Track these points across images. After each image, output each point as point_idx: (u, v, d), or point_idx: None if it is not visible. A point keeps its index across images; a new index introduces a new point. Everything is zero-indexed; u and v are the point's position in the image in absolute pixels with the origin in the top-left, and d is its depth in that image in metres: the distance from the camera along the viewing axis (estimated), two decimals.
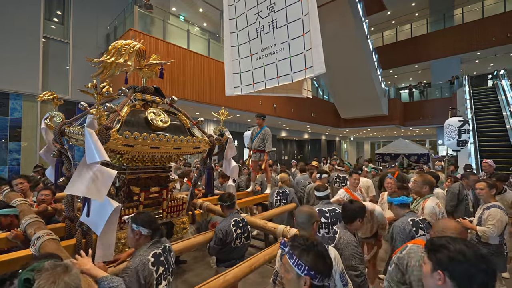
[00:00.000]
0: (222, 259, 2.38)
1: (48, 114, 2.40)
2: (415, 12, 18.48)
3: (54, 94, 2.42)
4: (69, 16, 7.91)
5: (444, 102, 14.79)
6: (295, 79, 3.26)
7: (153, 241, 1.57)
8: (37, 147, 7.19)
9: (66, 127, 2.19)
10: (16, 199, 2.58)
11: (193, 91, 7.68)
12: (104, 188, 1.58)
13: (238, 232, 2.38)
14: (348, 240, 1.79)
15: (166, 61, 2.59)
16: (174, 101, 2.55)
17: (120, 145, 1.89)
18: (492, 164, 4.67)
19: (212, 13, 12.07)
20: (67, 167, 2.18)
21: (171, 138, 2.13)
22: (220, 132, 2.64)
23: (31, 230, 1.94)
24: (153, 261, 1.49)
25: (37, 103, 7.25)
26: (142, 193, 2.29)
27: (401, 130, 17.86)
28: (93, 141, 1.56)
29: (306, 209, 1.67)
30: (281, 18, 3.48)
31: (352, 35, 10.96)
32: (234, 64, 4.20)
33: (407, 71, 19.17)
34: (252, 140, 4.57)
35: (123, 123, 2.02)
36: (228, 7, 4.40)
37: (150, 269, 1.46)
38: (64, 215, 2.45)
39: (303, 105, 12.77)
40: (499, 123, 9.79)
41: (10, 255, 1.69)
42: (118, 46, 2.31)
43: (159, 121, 2.22)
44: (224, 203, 2.47)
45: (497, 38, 14.37)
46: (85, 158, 1.55)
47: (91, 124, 1.64)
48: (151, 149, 2.09)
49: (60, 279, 0.89)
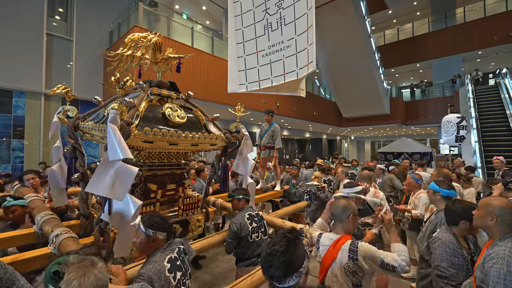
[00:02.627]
0: (241, 257, 2.30)
1: (61, 108, 2.33)
2: (417, 11, 18.46)
3: (68, 88, 2.35)
4: (72, 13, 7.85)
5: (446, 101, 14.79)
6: (300, 75, 3.24)
7: (168, 244, 1.46)
8: (40, 145, 7.13)
9: (80, 121, 2.15)
10: (29, 195, 2.53)
11: (197, 88, 7.64)
12: (125, 186, 1.53)
13: (254, 226, 2.32)
14: (445, 240, 1.64)
15: (184, 55, 2.54)
16: (190, 96, 2.50)
17: (140, 141, 1.85)
18: (503, 161, 4.66)
19: (215, 11, 12.02)
20: (81, 163, 2.14)
21: (189, 134, 2.09)
22: (236, 129, 2.59)
23: (48, 227, 1.91)
24: (169, 267, 1.36)
25: (41, 101, 7.19)
26: (159, 190, 2.25)
27: (402, 129, 17.87)
28: (117, 138, 1.50)
29: (342, 201, 1.63)
30: (289, 14, 3.46)
31: (355, 34, 10.93)
32: (239, 61, 4.17)
33: (408, 70, 19.16)
34: (261, 137, 4.53)
35: (141, 118, 1.98)
36: (233, 4, 4.36)
37: (167, 277, 1.33)
38: (77, 212, 2.42)
39: (305, 104, 12.75)
40: (503, 121, 9.79)
41: (30, 253, 1.65)
42: (135, 38, 2.26)
43: (176, 117, 2.17)
44: (237, 197, 2.42)
45: (499, 37, 14.38)
46: (107, 155, 1.51)
47: (114, 120, 1.59)
48: (170, 146, 2.04)
49: (90, 271, 0.87)
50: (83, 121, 2.18)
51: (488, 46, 14.85)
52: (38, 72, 7.10)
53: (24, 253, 1.67)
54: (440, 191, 2.02)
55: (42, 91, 7.17)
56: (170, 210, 2.38)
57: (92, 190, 1.51)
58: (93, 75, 8.11)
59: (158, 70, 2.54)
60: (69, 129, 2.07)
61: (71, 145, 2.12)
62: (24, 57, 6.87)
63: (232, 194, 2.51)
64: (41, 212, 2.15)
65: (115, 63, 2.24)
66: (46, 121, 7.27)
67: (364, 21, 11.17)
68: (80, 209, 2.22)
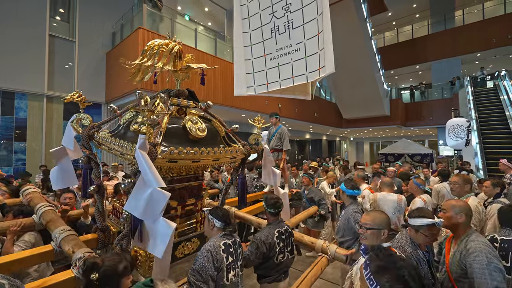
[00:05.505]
0: (264, 275, 2.17)
1: (75, 116, 2.18)
2: (416, 13, 18.57)
3: (82, 96, 2.20)
4: (74, 14, 7.72)
5: (445, 103, 14.94)
6: (310, 79, 3.22)
7: (225, 233, 1.77)
8: (43, 148, 7.04)
9: (95, 131, 2.08)
10: (41, 204, 2.43)
11: (200, 91, 7.58)
12: (157, 210, 1.48)
13: (281, 246, 2.14)
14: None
15: (209, 67, 2.50)
16: (210, 106, 2.43)
17: (166, 161, 1.81)
18: (507, 164, 4.67)
19: (217, 13, 11.95)
20: (96, 174, 2.08)
21: (211, 150, 2.04)
22: (256, 141, 2.56)
23: (68, 247, 1.84)
24: (224, 248, 1.67)
25: (43, 103, 7.07)
26: (179, 206, 2.20)
27: (401, 130, 18.00)
28: (148, 166, 1.46)
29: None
30: (297, 18, 3.43)
31: (356, 35, 10.96)
32: (247, 64, 4.13)
33: (408, 71, 19.29)
34: (269, 140, 4.52)
35: (164, 135, 1.93)
36: (240, 7, 4.32)
37: (221, 255, 1.64)
38: (94, 225, 2.36)
39: (306, 105, 12.77)
40: (502, 123, 9.91)
41: (53, 279, 1.58)
42: (156, 47, 2.17)
43: (197, 130, 2.12)
44: (269, 210, 2.21)
45: (498, 39, 14.53)
46: (142, 177, 1.48)
47: (143, 146, 1.53)
48: (193, 163, 2.00)
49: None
50: (97, 131, 2.11)
51: (487, 48, 15.01)
52: (41, 73, 6.98)
53: (47, 278, 1.61)
54: (346, 191, 2.41)
55: (44, 92, 7.06)
56: (188, 223, 2.33)
57: (130, 210, 1.51)
58: (96, 76, 8.00)
59: (177, 78, 2.46)
60: (83, 139, 2.00)
61: (86, 156, 2.05)
62: (26, 58, 6.74)
63: (264, 205, 2.31)
64: (58, 227, 2.09)
65: (133, 72, 2.17)
66: (48, 123, 7.16)
67: (365, 23, 11.20)
68: (97, 223, 2.18)
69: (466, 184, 2.68)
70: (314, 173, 5.96)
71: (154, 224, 1.48)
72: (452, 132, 5.16)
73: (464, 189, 2.69)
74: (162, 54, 2.19)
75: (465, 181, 2.69)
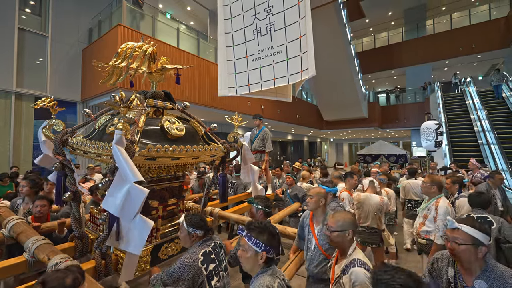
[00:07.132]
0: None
1: (47, 122, 2.12)
2: (391, 21, 19.52)
3: (54, 101, 2.15)
4: (47, 6, 7.29)
5: (418, 106, 15.84)
6: (291, 81, 3.30)
7: (204, 240, 1.69)
8: (10, 148, 6.57)
9: (69, 136, 1.99)
10: (10, 217, 2.21)
11: (182, 91, 7.49)
12: (134, 207, 1.47)
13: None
14: None
15: (182, 66, 2.50)
16: (187, 107, 2.47)
17: (144, 159, 1.80)
18: (476, 163, 5.23)
19: (200, 12, 11.84)
20: (71, 181, 1.98)
21: (190, 148, 2.05)
22: (235, 139, 2.60)
23: (43, 255, 1.73)
24: (202, 259, 1.59)
25: (11, 100, 6.60)
26: (160, 206, 2.19)
27: (378, 132, 18.80)
28: (125, 160, 1.45)
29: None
30: (279, 21, 3.50)
31: (336, 40, 11.32)
32: (229, 64, 4.16)
33: (384, 76, 20.21)
34: (252, 141, 4.58)
35: (141, 134, 1.91)
36: (223, 7, 4.34)
37: (199, 267, 1.56)
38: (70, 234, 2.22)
39: (289, 107, 12.99)
40: (468, 125, 10.69)
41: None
42: (129, 50, 2.16)
43: (175, 130, 2.12)
44: (257, 206, 2.20)
45: (464, 48, 15.66)
46: (119, 174, 1.46)
47: (120, 141, 1.52)
48: (172, 161, 2.00)
49: None
50: (71, 136, 2.02)
51: (454, 56, 16.12)
52: (9, 69, 6.52)
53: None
54: (325, 189, 2.53)
55: (12, 89, 6.60)
56: (170, 224, 2.31)
57: (107, 207, 1.49)
58: (70, 74, 7.61)
59: (152, 80, 2.46)
60: (56, 145, 1.91)
61: (59, 162, 1.94)
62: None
63: (251, 200, 2.28)
64: (30, 237, 1.93)
65: (107, 74, 2.12)
66: (16, 122, 6.69)
67: (345, 28, 11.62)
68: (74, 230, 2.07)
69: (433, 186, 2.66)
70: (296, 173, 6.10)
71: (132, 222, 1.47)
72: (423, 135, 5.58)
73: (431, 190, 2.67)
74: (136, 56, 2.18)
75: (433, 183, 2.67)
